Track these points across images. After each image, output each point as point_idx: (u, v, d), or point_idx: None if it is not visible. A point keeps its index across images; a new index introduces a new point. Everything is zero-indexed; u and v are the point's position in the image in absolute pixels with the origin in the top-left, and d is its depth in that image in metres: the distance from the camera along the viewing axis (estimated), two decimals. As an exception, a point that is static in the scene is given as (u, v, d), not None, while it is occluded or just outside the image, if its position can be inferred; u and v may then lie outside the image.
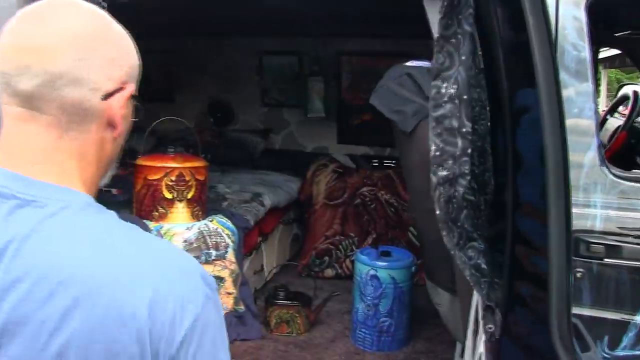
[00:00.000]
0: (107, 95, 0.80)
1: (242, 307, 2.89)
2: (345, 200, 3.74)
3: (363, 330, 2.79)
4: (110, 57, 0.82)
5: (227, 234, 2.82)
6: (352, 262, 3.56)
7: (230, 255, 2.81)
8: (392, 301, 2.71)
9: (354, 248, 3.63)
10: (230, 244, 2.81)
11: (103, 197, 3.00)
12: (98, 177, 0.88)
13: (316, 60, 4.38)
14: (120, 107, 0.82)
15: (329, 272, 3.66)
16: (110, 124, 0.83)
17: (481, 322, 1.56)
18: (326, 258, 3.67)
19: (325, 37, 4.29)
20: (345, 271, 3.63)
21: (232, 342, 2.78)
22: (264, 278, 3.51)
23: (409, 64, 2.24)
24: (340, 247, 3.67)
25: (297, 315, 2.91)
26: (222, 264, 2.77)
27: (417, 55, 2.52)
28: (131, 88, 0.86)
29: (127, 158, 2.83)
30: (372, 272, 2.70)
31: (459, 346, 2.70)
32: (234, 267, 2.83)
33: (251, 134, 4.59)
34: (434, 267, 2.26)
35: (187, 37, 4.65)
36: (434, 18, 1.80)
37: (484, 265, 1.45)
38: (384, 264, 2.71)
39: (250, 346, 2.78)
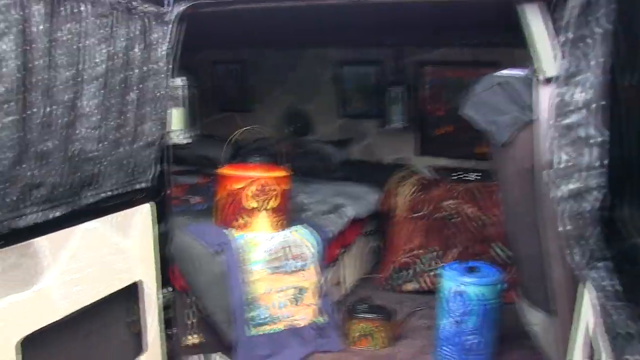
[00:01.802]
0: None
1: (322, 319, 2.84)
2: (427, 213, 3.65)
3: (448, 347, 2.69)
4: None
5: (309, 245, 2.79)
6: (434, 276, 3.48)
7: (312, 266, 2.78)
8: (479, 319, 2.60)
9: (435, 262, 3.53)
10: (312, 255, 2.79)
11: (183, 205, 3.05)
12: None
13: (396, 70, 4.32)
14: None
15: (410, 286, 3.57)
16: None
17: (605, 349, 1.43)
18: (407, 271, 3.58)
19: (406, 47, 4.23)
20: (426, 285, 3.54)
21: (311, 353, 2.74)
22: (343, 290, 3.46)
23: (500, 73, 2.16)
24: (422, 260, 3.57)
25: (379, 329, 2.84)
26: (304, 275, 2.75)
27: (500, 64, 2.44)
28: None
29: (206, 167, 2.87)
30: (458, 288, 2.60)
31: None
32: (315, 278, 2.79)
33: (329, 144, 4.57)
34: (529, 285, 2.15)
35: (266, 47, 4.69)
36: (532, 22, 1.71)
37: (618, 287, 1.33)
38: (472, 280, 2.60)
39: (331, 358, 2.74)
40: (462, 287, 2.59)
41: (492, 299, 2.61)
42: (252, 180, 2.73)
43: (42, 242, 1.69)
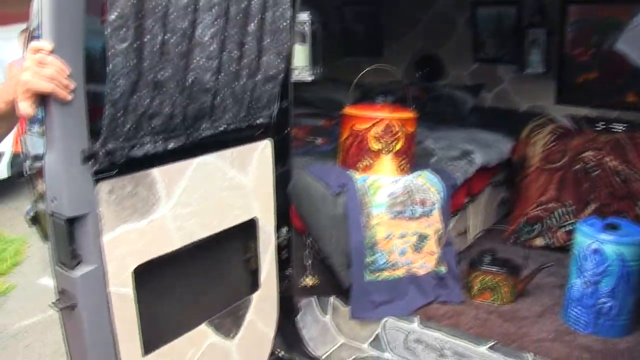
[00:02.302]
0: None
1: (444, 269, 2.75)
2: (563, 165, 3.39)
3: (577, 308, 2.50)
4: None
5: (434, 191, 2.68)
6: (566, 232, 3.26)
7: (436, 213, 2.67)
8: (616, 281, 2.39)
9: (569, 218, 3.29)
10: (437, 201, 2.67)
11: (305, 147, 3.02)
12: None
13: (538, 10, 3.98)
14: None
15: (539, 242, 3.37)
16: None
17: None
18: (537, 226, 3.37)
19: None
20: (557, 242, 3.32)
21: (430, 303, 2.66)
22: (467, 241, 3.33)
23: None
24: (554, 215, 3.34)
25: (503, 283, 2.70)
26: (427, 221, 2.64)
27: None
28: None
29: (331, 110, 2.82)
30: (594, 245, 2.39)
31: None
32: (438, 225, 2.68)
33: (461, 90, 4.35)
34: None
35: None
36: None
37: None
38: (611, 237, 2.38)
39: (450, 310, 2.64)
40: (599, 244, 2.38)
41: (633, 260, 2.38)
42: (378, 120, 2.64)
43: (158, 173, 1.71)
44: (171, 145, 1.75)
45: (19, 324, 3.85)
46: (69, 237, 1.54)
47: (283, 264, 2.45)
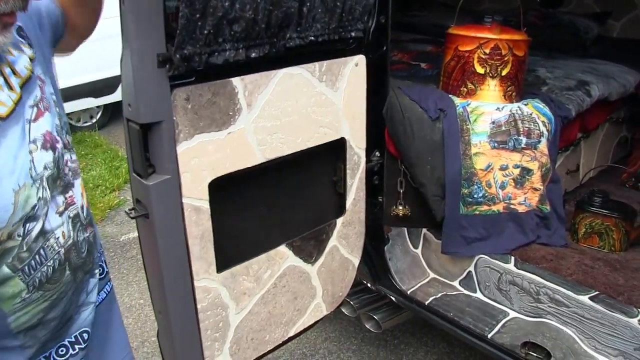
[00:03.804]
0: None
1: (547, 207, 2.52)
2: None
3: (700, 262, 2.23)
4: None
5: (542, 121, 2.42)
6: (694, 179, 2.92)
7: (543, 145, 2.42)
8: None
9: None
10: (545, 133, 2.42)
11: (409, 70, 2.82)
12: None
13: None
14: None
15: (660, 188, 3.05)
16: None
17: None
18: (660, 169, 3.04)
19: None
20: (681, 189, 2.99)
21: (530, 243, 2.46)
22: (577, 180, 3.05)
23: None
24: (681, 159, 3.00)
25: (614, 228, 2.45)
26: (532, 154, 2.41)
27: None
28: None
29: (441, 37, 2.59)
30: None
31: None
32: (545, 160, 2.44)
33: (584, 17, 3.94)
34: None
35: None
36: None
37: None
38: None
39: (550, 253, 2.43)
40: None
41: None
42: (483, 41, 2.40)
43: (239, 83, 1.60)
44: (254, 54, 1.63)
45: (127, 236, 4.02)
46: (143, 145, 1.48)
47: (373, 190, 2.32)
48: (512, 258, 2.35)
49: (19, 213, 1.11)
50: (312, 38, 1.78)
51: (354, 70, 1.97)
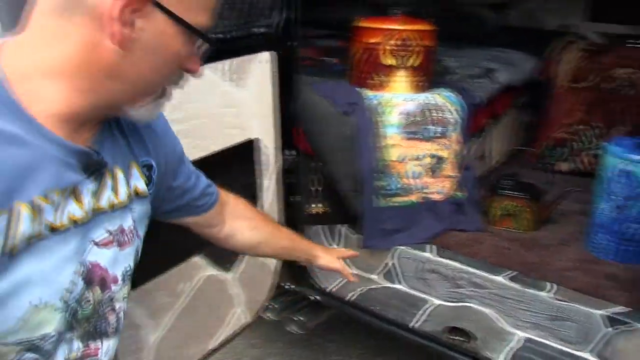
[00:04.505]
0: None
1: (462, 194, 2.57)
2: (593, 84, 3.14)
3: (604, 235, 2.33)
4: None
5: (453, 110, 2.47)
6: (594, 156, 3.05)
7: (455, 134, 2.47)
8: (647, 205, 2.21)
9: (597, 140, 3.08)
10: (456, 121, 2.47)
11: (318, 66, 2.79)
12: (92, 90, 0.80)
13: None
14: (118, 7, 0.74)
15: (564, 166, 3.16)
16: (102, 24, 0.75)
17: None
18: (563, 149, 3.16)
19: None
20: (583, 166, 3.12)
21: (447, 231, 2.50)
22: (488, 165, 3.13)
23: None
24: (581, 138, 3.13)
25: (525, 209, 2.52)
26: (445, 142, 2.45)
27: None
28: None
29: (349, 30, 2.59)
30: (624, 166, 2.19)
31: None
32: (457, 147, 2.49)
33: (483, 7, 4.05)
34: None
35: None
36: None
37: None
38: (643, 158, 2.18)
39: (468, 238, 2.48)
40: (629, 165, 2.18)
41: (667, 184, 2.19)
42: (391, 33, 2.41)
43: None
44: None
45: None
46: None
47: (289, 189, 2.29)
48: (431, 246, 2.38)
49: (22, 334, 0.82)
50: (216, 35, 1.73)
51: (262, 67, 1.93)
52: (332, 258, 1.65)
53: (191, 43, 0.85)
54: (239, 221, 1.40)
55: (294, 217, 2.35)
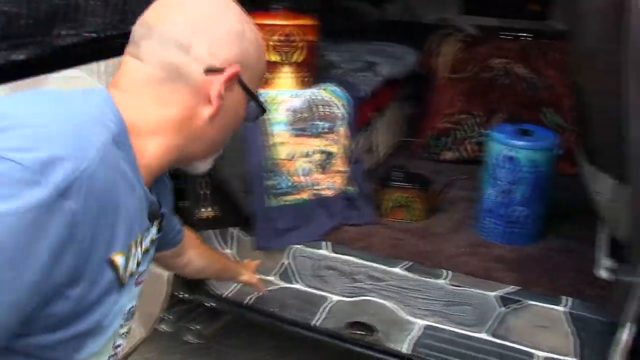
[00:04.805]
0: (208, 71, 0.91)
1: (352, 188, 2.57)
2: (472, 74, 3.26)
3: (491, 219, 2.41)
4: (219, 38, 0.93)
5: (339, 105, 2.46)
6: (476, 143, 3.16)
7: (342, 128, 2.46)
8: (529, 188, 2.29)
9: (478, 128, 3.19)
10: (343, 115, 2.46)
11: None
12: (179, 149, 0.94)
13: None
14: (219, 85, 0.92)
15: (449, 155, 3.25)
16: (207, 99, 0.93)
17: None
18: (446, 138, 3.25)
19: None
20: (467, 154, 3.22)
21: (340, 226, 2.48)
22: (376, 158, 3.16)
23: None
24: (463, 127, 3.23)
25: (415, 199, 2.56)
26: (333, 137, 2.44)
27: None
28: (235, 71, 0.93)
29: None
30: (508, 152, 2.27)
31: (602, 243, 2.30)
32: (346, 142, 2.48)
33: (363, 1, 4.10)
34: (599, 147, 1.81)
35: None
36: None
37: None
38: (524, 143, 2.26)
39: (361, 232, 2.47)
40: (512, 151, 2.26)
41: (545, 166, 2.29)
42: (274, 28, 2.36)
43: (4, 92, 1.38)
44: (17, 57, 1.41)
45: None
46: None
47: (176, 194, 2.17)
48: (326, 243, 2.35)
49: None
50: (91, 34, 1.60)
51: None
52: (250, 274, 1.90)
53: (246, 109, 1.03)
54: (192, 250, 1.58)
55: (183, 223, 2.24)
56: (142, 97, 0.90)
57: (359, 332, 2.06)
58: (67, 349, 0.81)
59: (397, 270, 2.19)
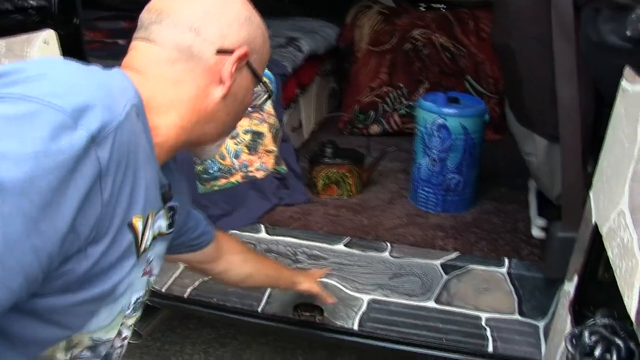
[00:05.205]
0: (219, 51, 0.95)
1: (284, 168, 2.51)
2: (393, 46, 3.24)
3: (426, 189, 2.41)
4: (228, 21, 0.97)
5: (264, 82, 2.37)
6: (401, 115, 3.17)
7: (269, 106, 2.38)
8: (461, 155, 2.31)
9: (403, 100, 3.19)
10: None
11: (110, 49, 2.51)
12: (191, 129, 0.96)
13: None
14: (230, 65, 0.95)
15: (375, 129, 3.24)
16: (219, 80, 0.96)
17: None
18: (371, 112, 3.23)
19: None
20: (393, 127, 3.22)
21: (274, 207, 2.42)
22: (303, 136, 3.11)
23: None
24: (388, 99, 3.22)
25: (348, 174, 2.53)
26: (260, 116, 2.36)
27: None
28: (244, 51, 0.97)
29: (134, 11, 2.35)
30: (439, 120, 2.27)
31: (533, 204, 2.36)
32: (273, 120, 2.41)
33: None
34: (531, 109, 1.83)
35: None
36: None
37: None
38: (455, 111, 2.26)
39: (296, 212, 2.42)
40: (443, 119, 2.26)
41: (475, 132, 2.30)
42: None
43: None
44: None
45: None
46: None
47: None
48: (262, 226, 2.28)
49: (101, 333, 0.90)
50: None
51: (43, 49, 1.66)
52: (310, 283, 1.78)
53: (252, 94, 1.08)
54: (232, 256, 1.53)
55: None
56: (156, 77, 0.92)
57: (307, 312, 2.01)
58: (82, 315, 0.82)
59: (337, 247, 2.15)
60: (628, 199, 1.05)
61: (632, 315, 0.93)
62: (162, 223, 1.02)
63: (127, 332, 1.04)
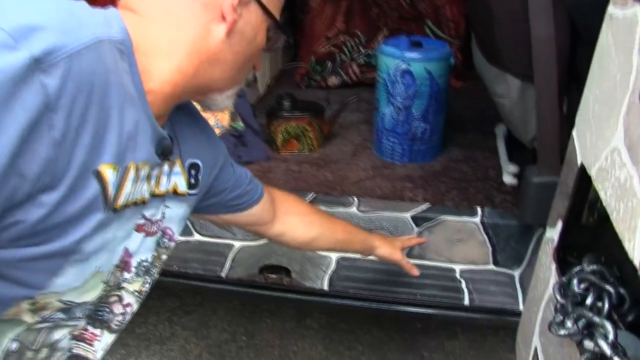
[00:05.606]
0: None
1: (240, 124, 2.37)
2: (348, -9, 3.10)
3: (391, 139, 2.30)
4: None
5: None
6: (360, 65, 3.04)
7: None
8: (427, 101, 2.20)
9: (361, 49, 3.06)
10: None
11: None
12: (194, 74, 0.86)
13: None
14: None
15: (333, 80, 3.11)
16: (221, 16, 0.84)
17: None
18: (328, 63, 3.09)
19: None
20: (352, 77, 3.09)
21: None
22: (259, 91, 2.96)
23: None
24: (345, 49, 3.08)
25: (309, 127, 2.40)
26: (213, 70, 2.20)
27: None
28: None
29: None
30: (403, 66, 2.14)
31: (502, 150, 2.29)
32: (227, 74, 2.26)
33: None
34: (502, 46, 1.72)
35: None
36: None
37: None
38: (419, 55, 2.15)
39: (257, 169, 2.29)
40: (407, 64, 2.14)
41: (440, 77, 2.19)
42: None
43: None
44: None
45: None
46: None
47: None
48: (221, 186, 2.15)
49: (73, 295, 0.81)
50: None
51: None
52: (392, 249, 1.64)
53: (266, 37, 0.93)
54: (291, 217, 1.40)
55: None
56: (152, 16, 0.82)
57: (273, 275, 1.91)
58: (40, 272, 0.74)
59: (302, 204, 2.04)
60: (624, 135, 0.96)
61: (636, 260, 0.84)
62: (177, 181, 0.96)
63: (130, 299, 0.95)
